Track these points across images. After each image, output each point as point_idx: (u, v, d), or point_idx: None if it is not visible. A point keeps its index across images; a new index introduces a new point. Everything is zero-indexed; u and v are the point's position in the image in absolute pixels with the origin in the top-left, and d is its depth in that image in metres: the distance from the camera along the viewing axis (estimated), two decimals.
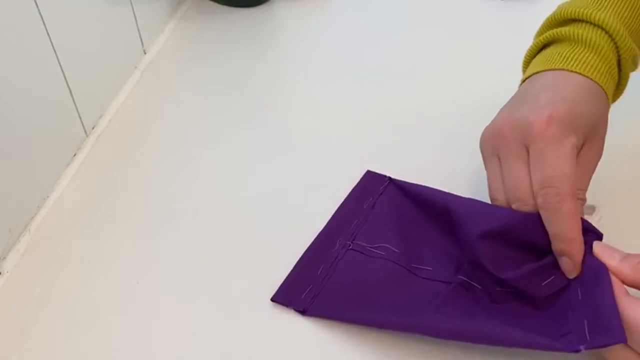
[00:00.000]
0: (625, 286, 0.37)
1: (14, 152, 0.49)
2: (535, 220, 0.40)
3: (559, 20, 0.47)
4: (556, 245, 0.40)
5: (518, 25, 0.72)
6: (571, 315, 0.38)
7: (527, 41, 0.49)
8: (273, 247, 0.48)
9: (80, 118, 0.58)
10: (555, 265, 0.40)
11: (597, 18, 0.44)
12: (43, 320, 0.44)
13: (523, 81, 0.47)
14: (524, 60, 0.49)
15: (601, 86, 0.43)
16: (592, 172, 0.43)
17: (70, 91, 0.56)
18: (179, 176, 0.56)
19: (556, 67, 0.44)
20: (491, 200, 0.43)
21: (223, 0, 0.79)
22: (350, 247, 0.46)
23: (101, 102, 0.62)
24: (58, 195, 0.54)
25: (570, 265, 0.39)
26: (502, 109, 0.45)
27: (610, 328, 0.35)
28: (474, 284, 0.42)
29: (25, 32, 0.50)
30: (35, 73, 0.51)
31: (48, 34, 0.52)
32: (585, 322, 0.37)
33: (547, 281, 0.40)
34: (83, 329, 0.44)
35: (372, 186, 0.51)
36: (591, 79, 0.43)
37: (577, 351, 0.36)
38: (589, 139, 0.42)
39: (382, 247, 0.45)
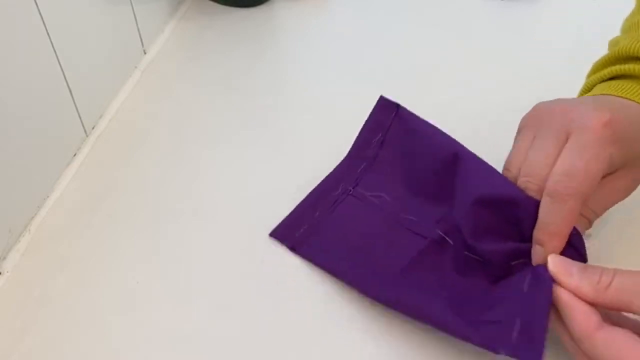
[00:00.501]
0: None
1: (14, 152, 0.49)
2: (533, 205, 0.39)
3: (620, 58, 0.45)
4: (538, 233, 0.38)
5: (518, 25, 0.72)
6: (508, 304, 0.38)
7: (527, 41, 0.49)
8: (273, 247, 0.48)
9: (80, 118, 0.58)
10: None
11: None
12: (43, 320, 0.44)
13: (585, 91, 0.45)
14: (589, 82, 0.47)
15: None
16: (617, 201, 0.41)
17: (70, 91, 0.56)
18: (179, 176, 0.56)
19: (625, 95, 0.42)
20: (503, 170, 0.42)
21: (223, 0, 0.79)
22: (351, 193, 0.47)
23: (101, 102, 0.62)
24: (58, 195, 0.54)
25: (541, 257, 0.38)
26: (560, 99, 0.43)
27: (532, 346, 0.34)
28: (449, 240, 0.42)
29: (25, 32, 0.50)
30: (35, 73, 0.51)
31: (48, 33, 0.52)
32: (519, 321, 0.36)
33: (516, 262, 0.40)
34: (83, 329, 0.44)
35: (382, 117, 0.50)
36: None
37: (495, 352, 0.35)
38: (629, 165, 0.40)
39: (379, 196, 0.46)
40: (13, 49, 0.48)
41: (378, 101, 0.51)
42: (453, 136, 0.46)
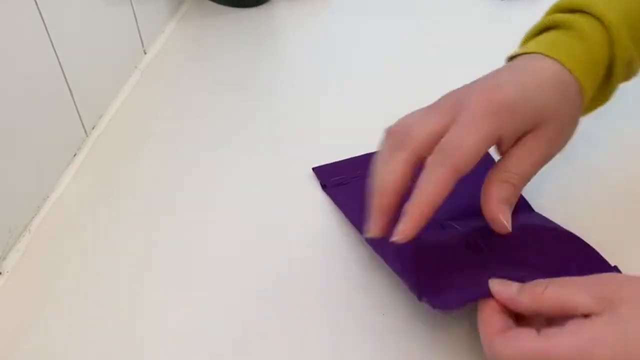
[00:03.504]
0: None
1: (14, 152, 0.49)
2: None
3: (564, 8, 0.46)
4: (407, 205, 0.39)
5: (518, 25, 0.72)
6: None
7: None
8: (274, 248, 0.48)
9: (80, 118, 0.58)
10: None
11: (598, 11, 0.43)
12: (43, 320, 0.44)
13: (510, 59, 0.46)
14: (522, 41, 0.49)
15: (576, 76, 0.42)
16: (537, 161, 0.41)
17: (70, 91, 0.56)
18: (179, 176, 0.56)
19: (537, 50, 0.43)
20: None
21: (223, 0, 0.79)
22: None
23: (101, 102, 0.62)
24: (58, 195, 0.54)
25: (406, 227, 0.38)
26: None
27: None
28: (454, 225, 0.44)
29: (26, 32, 0.50)
30: (35, 73, 0.51)
31: (48, 33, 0.52)
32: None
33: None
34: (83, 328, 0.44)
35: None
36: (565, 66, 0.42)
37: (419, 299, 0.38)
38: (537, 127, 0.41)
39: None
40: (13, 49, 0.48)
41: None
42: None
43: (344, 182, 0.47)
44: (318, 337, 0.42)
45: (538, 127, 0.41)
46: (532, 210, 0.47)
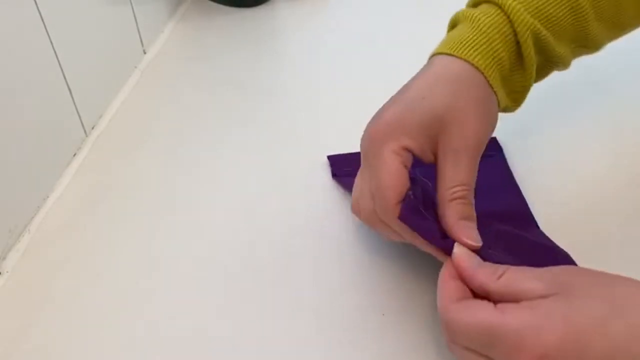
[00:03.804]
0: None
1: (14, 152, 0.49)
2: None
3: (470, 4, 0.46)
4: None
5: None
6: None
7: None
8: (274, 248, 0.48)
9: (80, 118, 0.58)
10: None
11: None
12: (43, 320, 0.44)
13: None
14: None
15: (461, 57, 0.41)
16: (469, 161, 0.40)
17: (70, 91, 0.56)
18: (179, 176, 0.56)
19: (435, 52, 0.44)
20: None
21: (223, 0, 0.79)
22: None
23: (101, 102, 0.62)
24: (58, 195, 0.54)
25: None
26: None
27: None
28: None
29: (25, 32, 0.50)
30: (35, 73, 0.51)
31: (48, 33, 0.52)
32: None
33: None
34: (83, 328, 0.44)
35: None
36: (452, 54, 0.42)
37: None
38: (444, 128, 0.40)
39: (426, 182, 0.45)
40: (13, 49, 0.48)
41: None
42: None
43: (352, 174, 0.47)
44: (318, 337, 0.42)
45: (445, 128, 0.40)
46: (537, 226, 0.47)
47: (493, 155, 0.52)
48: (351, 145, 0.56)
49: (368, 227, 0.49)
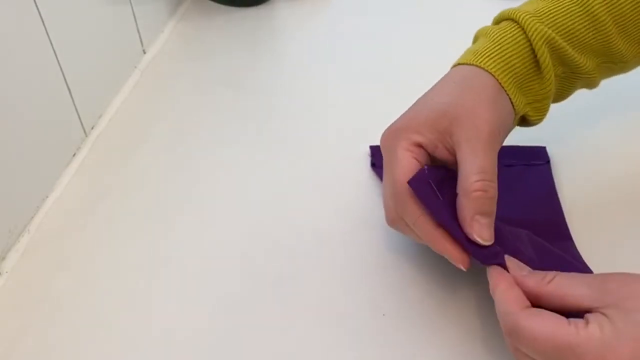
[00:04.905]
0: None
1: (13, 152, 0.49)
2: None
3: (494, 21, 0.48)
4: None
5: None
6: None
7: None
8: (274, 249, 0.48)
9: (79, 118, 0.58)
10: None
11: (510, 12, 0.45)
12: (43, 321, 0.44)
13: None
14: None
15: (473, 63, 0.43)
16: (485, 149, 0.40)
17: (70, 91, 0.56)
18: (178, 176, 0.55)
19: (455, 63, 0.46)
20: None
21: (223, 0, 0.79)
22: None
23: (101, 102, 0.62)
24: (58, 195, 0.54)
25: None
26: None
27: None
28: None
29: (25, 32, 0.50)
30: (35, 73, 0.51)
31: (47, 34, 0.52)
32: None
33: None
34: (83, 329, 0.44)
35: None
36: (467, 63, 0.44)
37: None
38: (454, 122, 0.41)
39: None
40: (13, 49, 0.48)
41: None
42: None
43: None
44: (318, 337, 0.42)
45: (457, 124, 0.41)
46: (571, 241, 0.46)
47: (540, 165, 0.52)
48: (351, 145, 0.56)
49: (365, 228, 0.49)
